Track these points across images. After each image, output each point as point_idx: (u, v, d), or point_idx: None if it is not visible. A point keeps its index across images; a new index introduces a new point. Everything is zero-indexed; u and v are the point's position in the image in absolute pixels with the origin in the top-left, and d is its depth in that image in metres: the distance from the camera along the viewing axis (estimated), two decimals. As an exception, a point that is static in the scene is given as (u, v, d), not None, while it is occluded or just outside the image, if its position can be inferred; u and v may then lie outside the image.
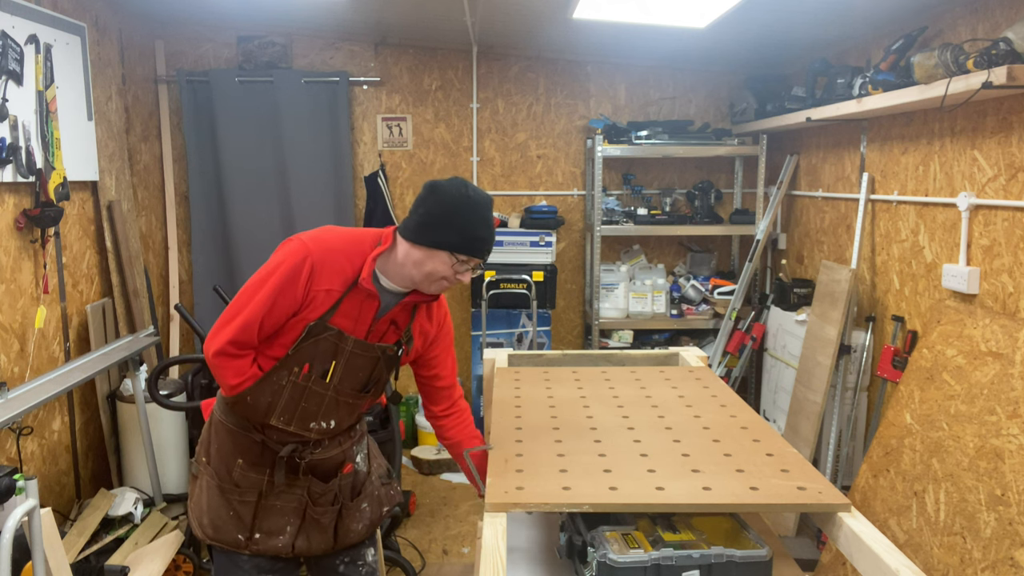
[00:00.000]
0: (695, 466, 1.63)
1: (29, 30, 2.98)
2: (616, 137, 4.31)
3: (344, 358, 1.82)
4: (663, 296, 4.49)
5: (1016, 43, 2.26)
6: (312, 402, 1.84)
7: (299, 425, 1.85)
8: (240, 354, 1.77)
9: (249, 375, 1.79)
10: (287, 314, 1.76)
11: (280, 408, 1.82)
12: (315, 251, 1.75)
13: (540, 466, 1.65)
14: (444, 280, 1.79)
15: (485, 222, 1.79)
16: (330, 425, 1.89)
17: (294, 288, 1.73)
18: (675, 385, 2.25)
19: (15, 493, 2.03)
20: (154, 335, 3.66)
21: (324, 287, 1.76)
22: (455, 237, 1.76)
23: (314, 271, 1.74)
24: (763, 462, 1.65)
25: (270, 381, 1.79)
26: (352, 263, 1.78)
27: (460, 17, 3.75)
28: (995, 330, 2.41)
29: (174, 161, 4.46)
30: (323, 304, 1.77)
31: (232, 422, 1.90)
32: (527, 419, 1.94)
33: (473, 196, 1.78)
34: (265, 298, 1.73)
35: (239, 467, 1.90)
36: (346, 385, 1.86)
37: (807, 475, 1.57)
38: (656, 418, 1.95)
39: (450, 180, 1.81)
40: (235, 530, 1.91)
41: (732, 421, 1.93)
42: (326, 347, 1.79)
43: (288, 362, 1.79)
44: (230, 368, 1.77)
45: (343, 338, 1.80)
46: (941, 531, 2.32)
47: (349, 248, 1.80)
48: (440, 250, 1.76)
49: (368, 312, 1.82)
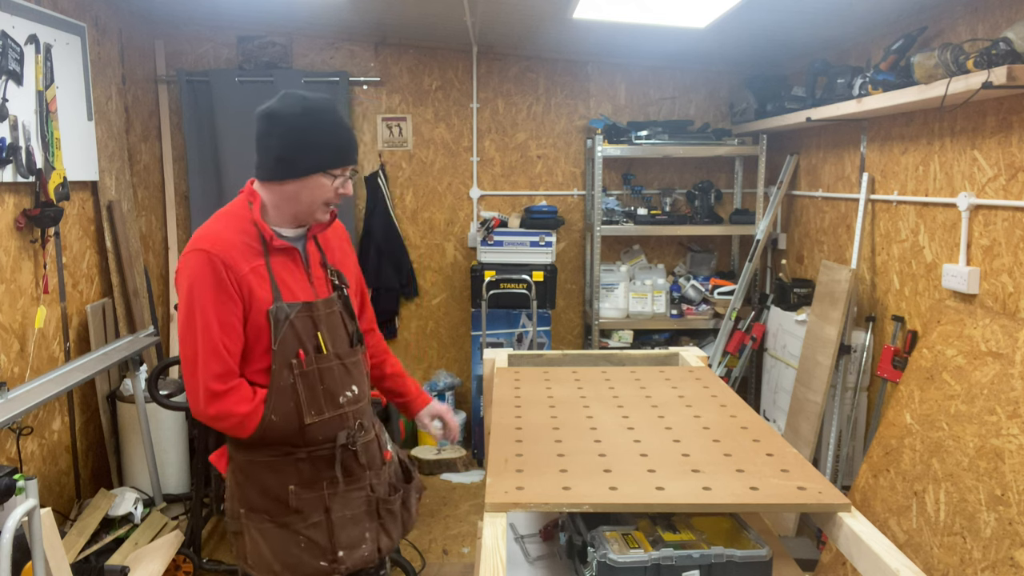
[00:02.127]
0: (695, 466, 1.63)
1: (29, 30, 2.98)
2: (616, 137, 4.31)
3: (323, 323, 1.78)
4: (663, 296, 4.49)
5: (1016, 43, 2.26)
6: (328, 379, 1.79)
7: (331, 406, 1.79)
8: (230, 387, 1.67)
9: (257, 398, 1.71)
10: (239, 318, 1.68)
11: (306, 403, 1.75)
12: (212, 247, 1.67)
13: (540, 466, 1.65)
14: (328, 203, 1.75)
15: (339, 124, 1.72)
16: (354, 392, 1.85)
17: (225, 289, 1.65)
18: (675, 385, 2.25)
19: (15, 493, 2.03)
20: (154, 335, 3.66)
21: (245, 269, 1.68)
22: (320, 155, 1.68)
23: (226, 263, 1.66)
24: (763, 462, 1.65)
25: (278, 388, 1.72)
26: (247, 234, 1.72)
27: (460, 17, 3.75)
28: (995, 330, 2.41)
29: (174, 161, 4.46)
30: (261, 286, 1.70)
31: (267, 455, 1.78)
32: (527, 419, 1.94)
33: (314, 104, 1.69)
34: (208, 318, 1.64)
35: (293, 494, 1.78)
36: (339, 346, 1.82)
37: (807, 475, 1.57)
38: (656, 418, 1.95)
39: (280, 99, 1.70)
40: (315, 559, 1.78)
41: (732, 421, 1.93)
42: (303, 323, 1.74)
43: (281, 358, 1.71)
44: (231, 402, 1.67)
45: (311, 306, 1.75)
46: (941, 531, 2.32)
47: (232, 223, 1.74)
48: (311, 175, 1.69)
49: (297, 268, 1.78)
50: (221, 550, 3.40)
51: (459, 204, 4.68)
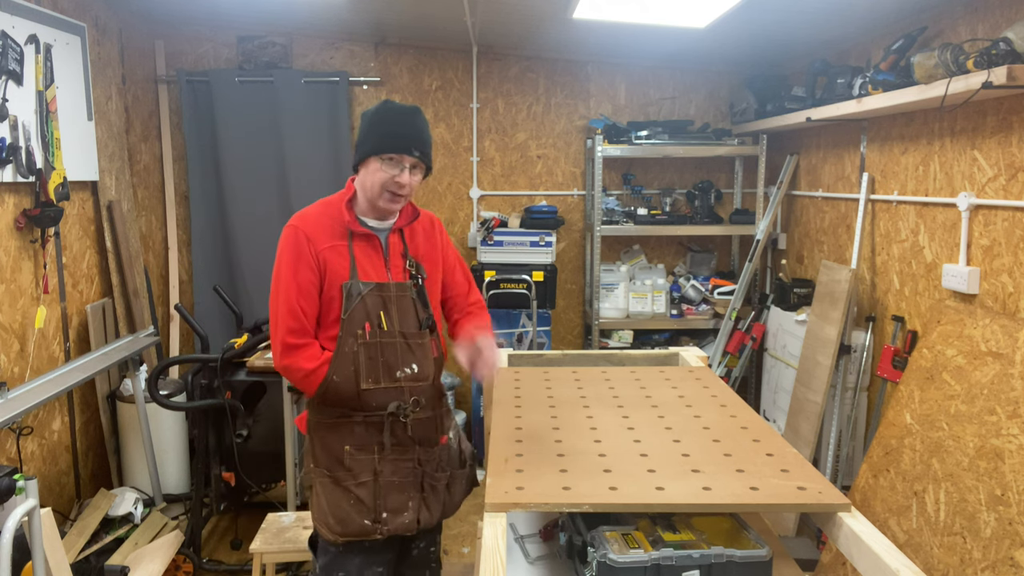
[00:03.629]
0: (695, 466, 1.63)
1: (29, 30, 2.98)
2: (616, 137, 4.31)
3: (393, 304, 1.94)
4: (663, 296, 4.49)
5: (1016, 43, 2.26)
6: (388, 353, 1.93)
7: (387, 378, 1.94)
8: (302, 343, 1.89)
9: (322, 358, 1.89)
10: (315, 284, 1.89)
11: (364, 371, 1.91)
12: (300, 223, 1.92)
13: (540, 466, 1.65)
14: (389, 191, 1.91)
15: (403, 119, 1.91)
16: (413, 370, 1.97)
17: (304, 258, 1.87)
18: (675, 385, 2.25)
19: (15, 493, 2.03)
20: (154, 335, 3.66)
21: (326, 245, 1.90)
22: (374, 140, 1.89)
23: (308, 237, 1.89)
24: (763, 462, 1.65)
25: (343, 353, 1.90)
26: (336, 218, 1.93)
27: (460, 17, 3.75)
28: (995, 330, 2.41)
29: (174, 161, 4.46)
30: (339, 262, 1.90)
31: (330, 415, 1.96)
32: (527, 419, 1.94)
33: (390, 104, 1.93)
34: (288, 281, 1.87)
35: (348, 454, 1.95)
36: (407, 327, 1.97)
37: (807, 475, 1.57)
38: (656, 418, 1.95)
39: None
40: (361, 516, 1.94)
41: (732, 421, 1.93)
42: (373, 300, 1.91)
43: (349, 328, 1.89)
44: (301, 358, 1.88)
45: (383, 287, 1.93)
46: (941, 531, 2.32)
47: (327, 208, 1.96)
48: (368, 159, 1.90)
49: (376, 254, 1.96)
50: (221, 550, 3.40)
51: (459, 204, 4.68)
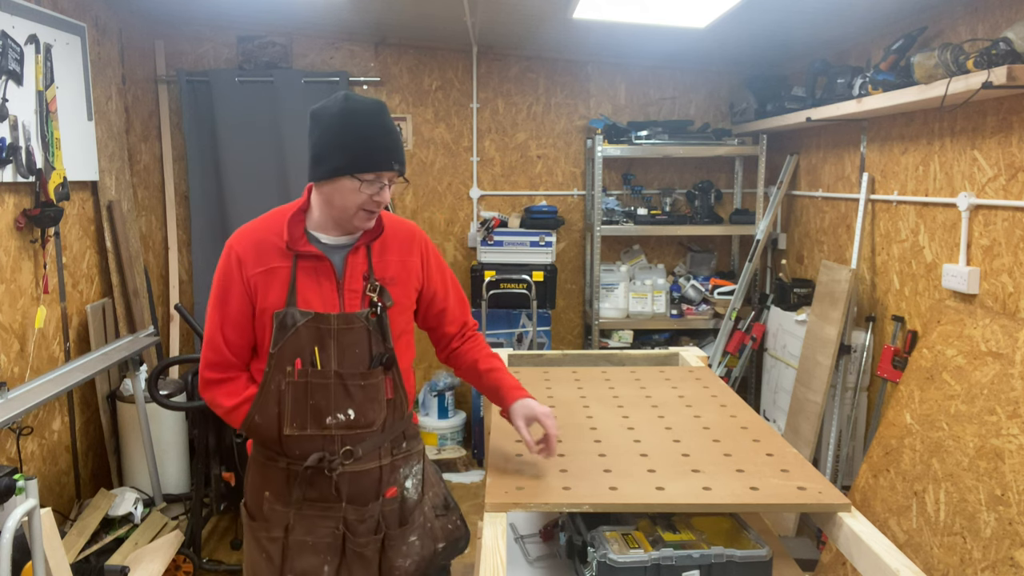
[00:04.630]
0: (695, 466, 1.63)
1: (29, 30, 2.98)
2: (616, 137, 4.31)
3: (332, 338, 1.65)
4: (663, 296, 4.49)
5: (1016, 43, 2.26)
6: (319, 396, 1.66)
7: (315, 425, 1.67)
8: (224, 377, 1.68)
9: (243, 395, 1.68)
10: (244, 313, 1.66)
11: (289, 414, 1.66)
12: (235, 241, 1.68)
13: (540, 466, 1.65)
14: (364, 210, 1.63)
15: (377, 127, 1.60)
16: (349, 416, 1.69)
17: (233, 283, 1.65)
18: (675, 385, 2.25)
19: (15, 493, 2.03)
20: (154, 335, 3.66)
21: (260, 268, 1.64)
22: (347, 157, 1.58)
23: (240, 258, 1.65)
24: (763, 462, 1.65)
25: (267, 391, 1.66)
26: (280, 235, 1.66)
27: (460, 17, 3.75)
28: (995, 330, 2.41)
29: (174, 161, 4.46)
30: (275, 288, 1.64)
31: (260, 453, 1.75)
32: None
33: (352, 105, 1.59)
34: (213, 309, 1.67)
35: (267, 500, 1.73)
36: (347, 367, 1.67)
37: (807, 475, 1.57)
38: (656, 418, 1.95)
39: (329, 98, 1.63)
40: (267, 574, 1.71)
41: (732, 421, 1.92)
42: (308, 334, 1.64)
43: (277, 363, 1.64)
44: (220, 393, 1.68)
45: (322, 318, 1.64)
46: (941, 531, 2.32)
47: (270, 223, 1.69)
48: (340, 177, 1.60)
49: (327, 277, 1.68)
50: (221, 550, 3.40)
51: (459, 204, 4.68)
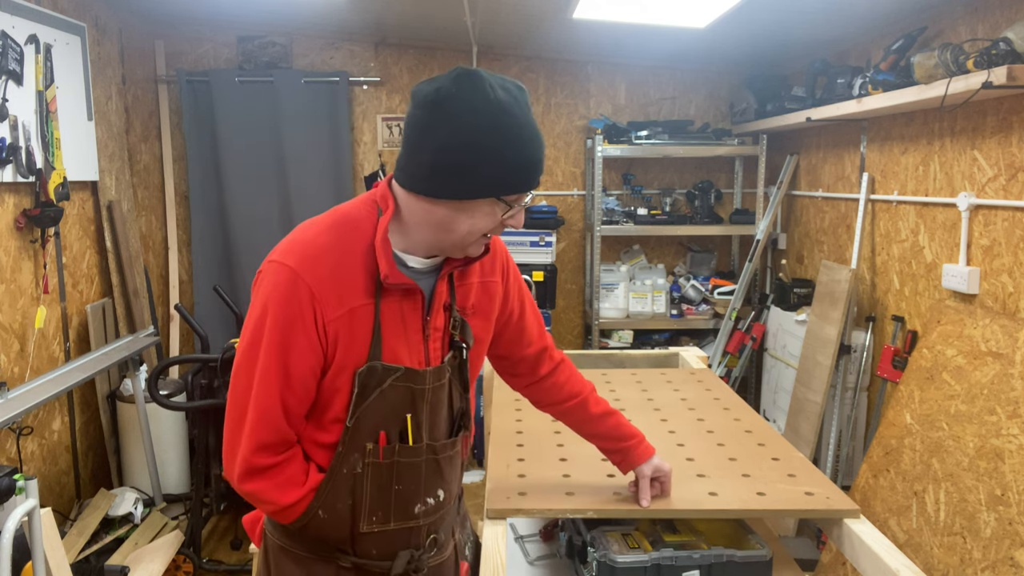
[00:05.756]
0: (700, 471, 1.62)
1: (29, 30, 2.98)
2: (616, 137, 4.30)
3: (425, 401, 1.27)
4: (663, 296, 4.49)
5: (1016, 43, 2.26)
6: (408, 479, 1.28)
7: (400, 517, 1.30)
8: (278, 461, 1.21)
9: (307, 486, 1.23)
10: (315, 372, 1.20)
11: (368, 507, 1.27)
12: (304, 268, 1.18)
13: (542, 469, 1.64)
14: (486, 237, 1.23)
15: (532, 129, 1.17)
16: (439, 498, 1.34)
17: (300, 330, 1.17)
18: (677, 388, 2.25)
19: (15, 493, 2.03)
20: (154, 335, 3.66)
21: (342, 309, 1.19)
22: (498, 174, 1.15)
23: (316, 295, 1.17)
24: (769, 467, 1.64)
25: (340, 477, 1.24)
26: (359, 257, 1.21)
27: (460, 17, 3.75)
28: (995, 330, 2.41)
29: (174, 161, 4.46)
30: (357, 336, 1.21)
31: (304, 549, 1.31)
32: (528, 422, 1.93)
33: (504, 100, 1.13)
34: (270, 366, 1.17)
35: None
36: (437, 434, 1.31)
37: (814, 480, 1.56)
38: (659, 421, 1.95)
39: (455, 81, 1.13)
40: None
41: (736, 425, 1.92)
42: (399, 397, 1.24)
43: (354, 440, 1.23)
44: (274, 488, 1.21)
45: (414, 375, 1.25)
46: (941, 531, 2.32)
47: (345, 239, 1.22)
48: (479, 199, 1.17)
49: (413, 315, 1.26)
50: (221, 550, 3.40)
51: (459, 204, 4.68)
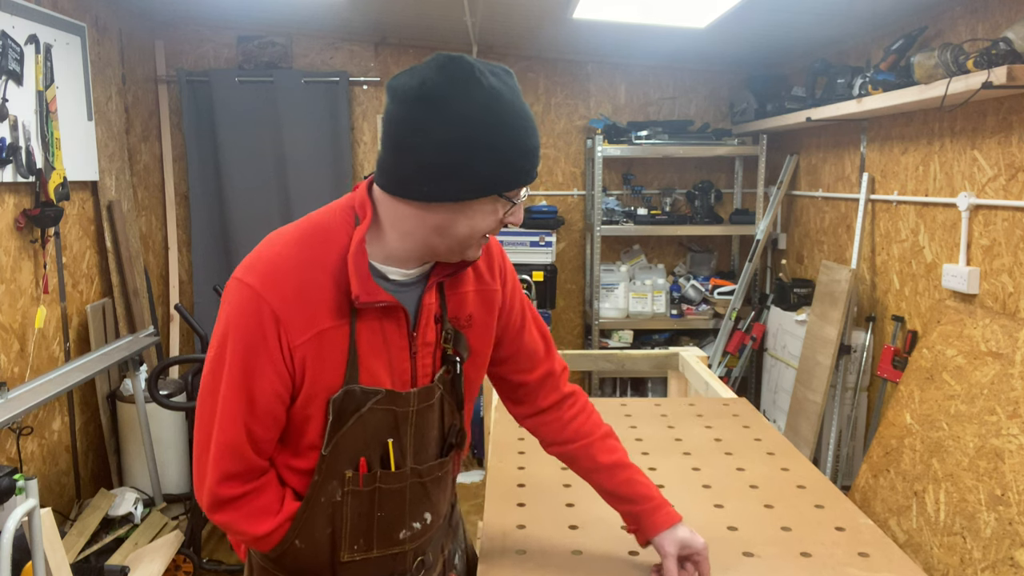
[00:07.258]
0: (747, 547, 1.30)
1: (29, 30, 2.98)
2: (616, 137, 4.31)
3: (410, 424, 1.17)
4: (663, 296, 4.49)
5: (1016, 43, 2.26)
6: (390, 506, 1.18)
7: (383, 544, 1.20)
8: (247, 490, 1.12)
9: (282, 515, 1.14)
10: (282, 397, 1.10)
11: (349, 535, 1.17)
12: (266, 289, 1.06)
13: (547, 537, 1.39)
14: (485, 238, 1.13)
15: (528, 118, 1.06)
16: (425, 522, 1.24)
17: (263, 356, 1.07)
18: (709, 424, 1.91)
19: (15, 493, 2.03)
20: (154, 335, 3.66)
21: (312, 331, 1.08)
22: (499, 168, 1.04)
23: (280, 319, 1.06)
24: (833, 541, 1.31)
25: (318, 506, 1.14)
26: (335, 279, 1.09)
27: (460, 17, 3.75)
28: (995, 330, 2.41)
29: (174, 161, 4.46)
30: (329, 359, 1.10)
31: (284, 573, 1.22)
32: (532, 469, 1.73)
33: (498, 87, 1.02)
34: (233, 398, 1.08)
35: None
36: (424, 457, 1.20)
37: (894, 562, 1.22)
38: (690, 471, 1.62)
39: (441, 70, 1.01)
40: None
41: (784, 476, 1.58)
42: (379, 421, 1.14)
43: (331, 468, 1.13)
44: (244, 518, 1.12)
45: (397, 397, 1.14)
46: (941, 531, 2.32)
47: (312, 256, 1.09)
48: (480, 198, 1.05)
49: (397, 333, 1.15)
50: (221, 550, 3.40)
51: (459, 204, 4.68)
